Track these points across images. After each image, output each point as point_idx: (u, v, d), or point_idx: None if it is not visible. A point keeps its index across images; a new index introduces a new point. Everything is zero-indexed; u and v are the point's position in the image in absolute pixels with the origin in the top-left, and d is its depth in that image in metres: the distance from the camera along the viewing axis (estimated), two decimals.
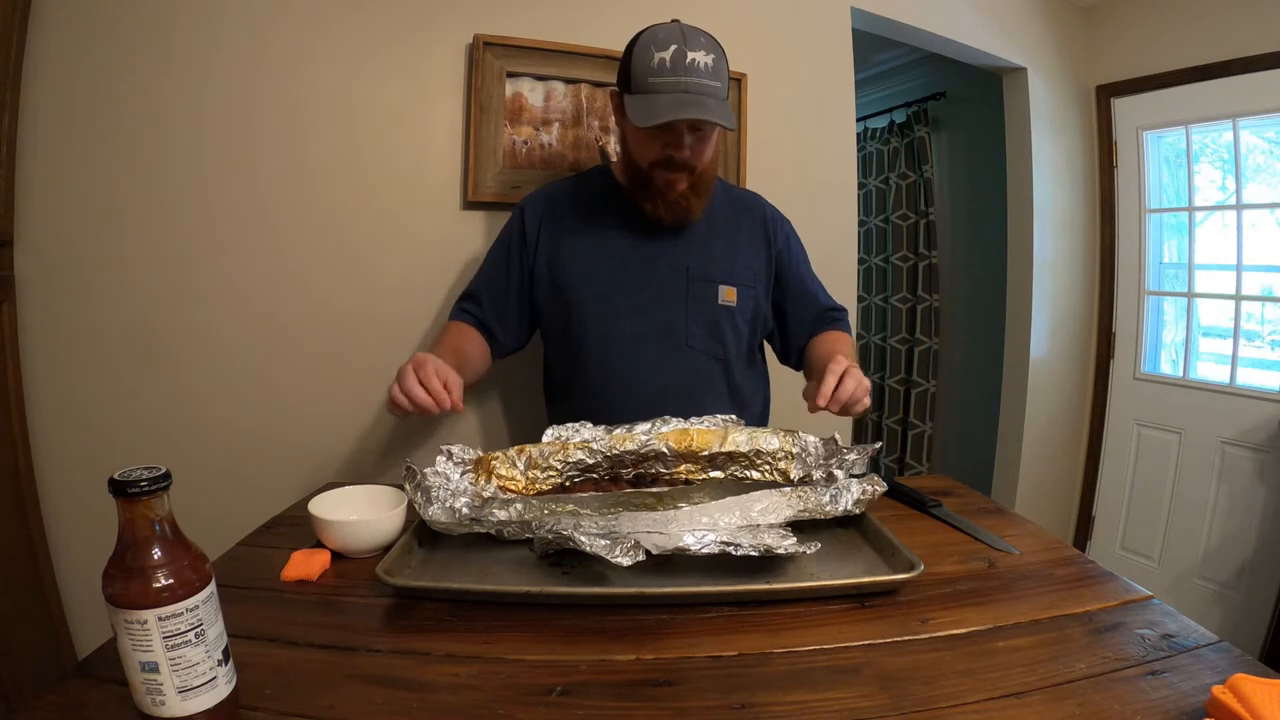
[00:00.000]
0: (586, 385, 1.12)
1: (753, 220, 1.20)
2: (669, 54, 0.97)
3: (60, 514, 1.20)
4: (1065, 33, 2.34)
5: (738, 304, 1.14)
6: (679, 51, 0.96)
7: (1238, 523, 2.09)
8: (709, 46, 0.99)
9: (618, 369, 1.10)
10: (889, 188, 3.08)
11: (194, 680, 0.45)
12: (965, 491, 1.00)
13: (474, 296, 1.17)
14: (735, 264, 1.15)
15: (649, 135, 1.01)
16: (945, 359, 3.03)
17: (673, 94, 0.96)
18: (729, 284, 1.13)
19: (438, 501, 0.74)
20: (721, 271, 1.13)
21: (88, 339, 1.22)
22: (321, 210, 1.34)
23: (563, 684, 0.53)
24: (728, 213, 1.18)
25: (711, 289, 1.12)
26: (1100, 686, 0.52)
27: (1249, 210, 2.11)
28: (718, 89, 0.99)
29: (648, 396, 1.08)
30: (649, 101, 0.97)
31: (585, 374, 1.11)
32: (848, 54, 1.79)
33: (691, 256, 1.12)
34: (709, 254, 1.13)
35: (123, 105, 1.20)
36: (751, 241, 1.18)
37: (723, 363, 1.14)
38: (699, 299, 1.12)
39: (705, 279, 1.12)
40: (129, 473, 0.44)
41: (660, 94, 0.97)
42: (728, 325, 1.13)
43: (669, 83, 0.96)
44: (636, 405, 1.03)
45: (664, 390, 1.10)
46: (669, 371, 1.11)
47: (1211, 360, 2.29)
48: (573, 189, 1.20)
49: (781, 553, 0.67)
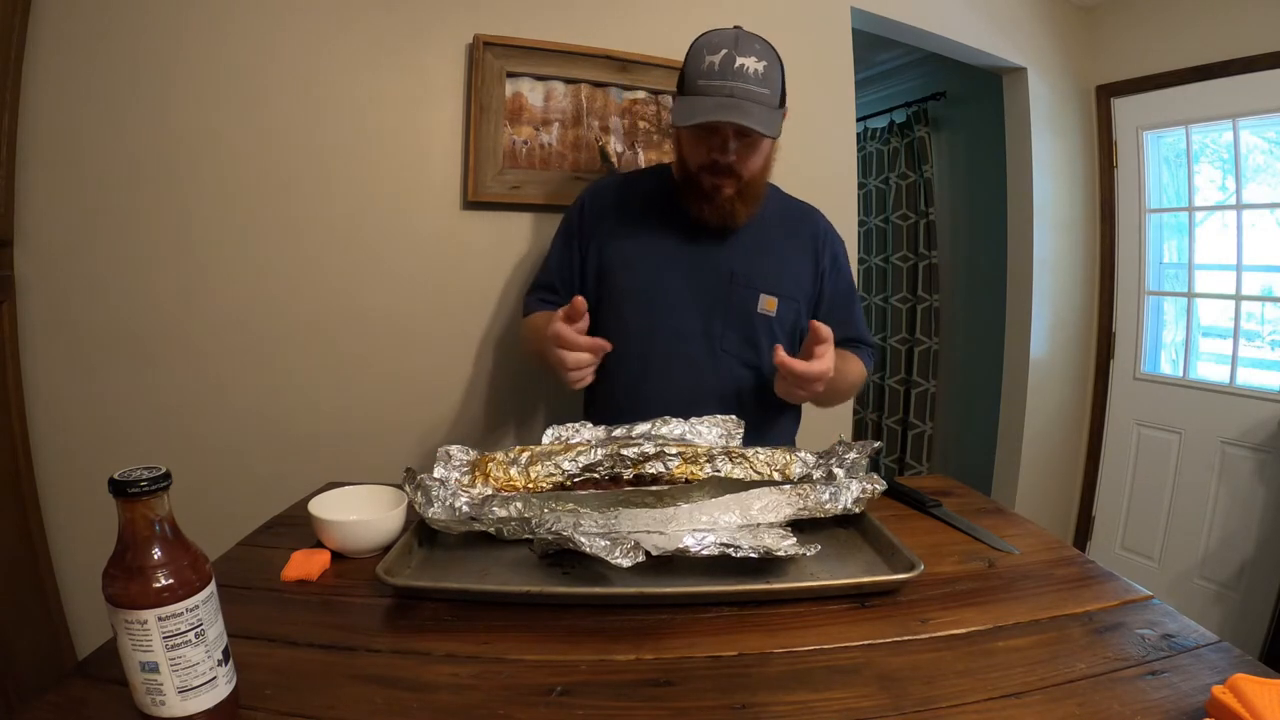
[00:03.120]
0: (624, 378, 1.12)
1: (805, 233, 1.19)
2: (719, 58, 0.98)
3: (60, 514, 1.20)
4: (1065, 33, 2.34)
5: (777, 314, 1.12)
6: (728, 56, 0.97)
7: (1238, 523, 2.09)
8: (762, 54, 0.99)
9: (652, 366, 1.11)
10: (889, 188, 3.08)
11: (194, 680, 0.45)
12: (965, 491, 1.00)
13: (548, 287, 1.19)
14: (780, 274, 1.14)
15: (696, 138, 1.02)
16: (945, 359, 3.03)
17: (716, 97, 0.97)
18: (770, 293, 1.12)
19: (438, 501, 0.74)
20: (764, 280, 1.12)
21: (88, 339, 1.22)
22: (321, 210, 1.34)
23: (563, 684, 0.53)
24: (780, 222, 1.18)
25: (752, 296, 1.12)
26: (1100, 686, 0.52)
27: (1249, 210, 2.11)
28: (765, 95, 0.98)
29: (678, 396, 1.08)
30: (692, 103, 0.99)
31: (624, 367, 1.11)
32: (848, 54, 1.79)
33: (735, 262, 1.11)
34: (754, 261, 1.13)
35: (122, 105, 1.20)
36: (800, 255, 1.18)
37: (756, 371, 1.12)
38: (738, 305, 1.11)
39: (747, 285, 1.11)
40: (129, 473, 0.44)
41: (705, 96, 0.98)
42: (764, 334, 1.12)
43: (715, 86, 0.97)
44: (667, 403, 1.02)
45: (695, 391, 1.09)
46: (701, 374, 1.11)
47: (1211, 360, 2.29)
48: (632, 184, 1.21)
49: (781, 554, 0.67)
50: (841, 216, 1.83)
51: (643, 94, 1.52)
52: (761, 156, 1.06)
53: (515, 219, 1.46)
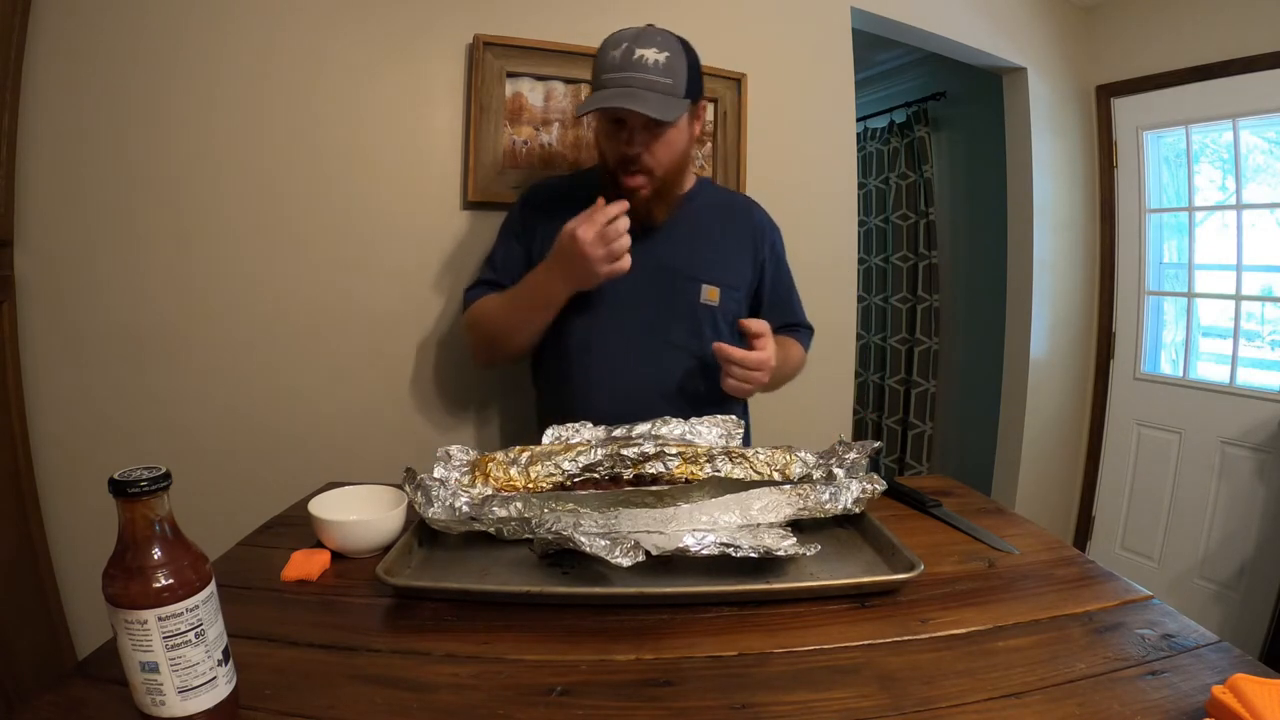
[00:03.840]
0: (571, 377, 1.13)
1: (742, 224, 1.22)
2: (620, 50, 1.00)
3: (60, 514, 1.20)
4: (1065, 33, 2.34)
5: (720, 304, 1.15)
6: (628, 49, 0.99)
7: (1238, 523, 2.09)
8: (664, 45, 1.01)
9: (600, 362, 1.11)
10: (889, 188, 3.08)
11: (194, 680, 0.45)
12: (965, 491, 1.00)
13: (493, 283, 1.17)
14: (719, 265, 1.16)
15: (607, 134, 1.05)
16: (945, 359, 3.03)
17: (614, 87, 0.99)
18: (712, 284, 1.14)
19: (438, 501, 0.74)
20: (705, 271, 1.14)
21: (88, 339, 1.22)
22: (321, 210, 1.34)
23: (563, 684, 0.53)
24: (714, 214, 1.20)
25: (694, 287, 1.13)
26: (1100, 686, 0.52)
27: (1249, 210, 2.11)
28: (666, 85, 1.00)
29: (628, 391, 1.09)
30: (593, 96, 1.01)
31: (570, 366, 1.12)
32: (848, 54, 1.79)
33: (676, 255, 1.12)
34: (693, 253, 1.14)
35: (122, 105, 1.20)
36: (739, 245, 1.20)
37: (703, 362, 1.13)
38: (680, 296, 1.13)
39: (688, 277, 1.13)
40: (129, 473, 0.44)
41: (605, 88, 1.00)
42: (709, 325, 1.14)
43: (614, 78, 0.99)
44: (617, 399, 1.06)
45: (644, 385, 1.11)
46: (649, 367, 1.12)
47: (1211, 360, 2.29)
48: (569, 184, 1.22)
49: (781, 554, 0.67)
50: (841, 217, 1.84)
51: None
52: (671, 150, 1.06)
53: None
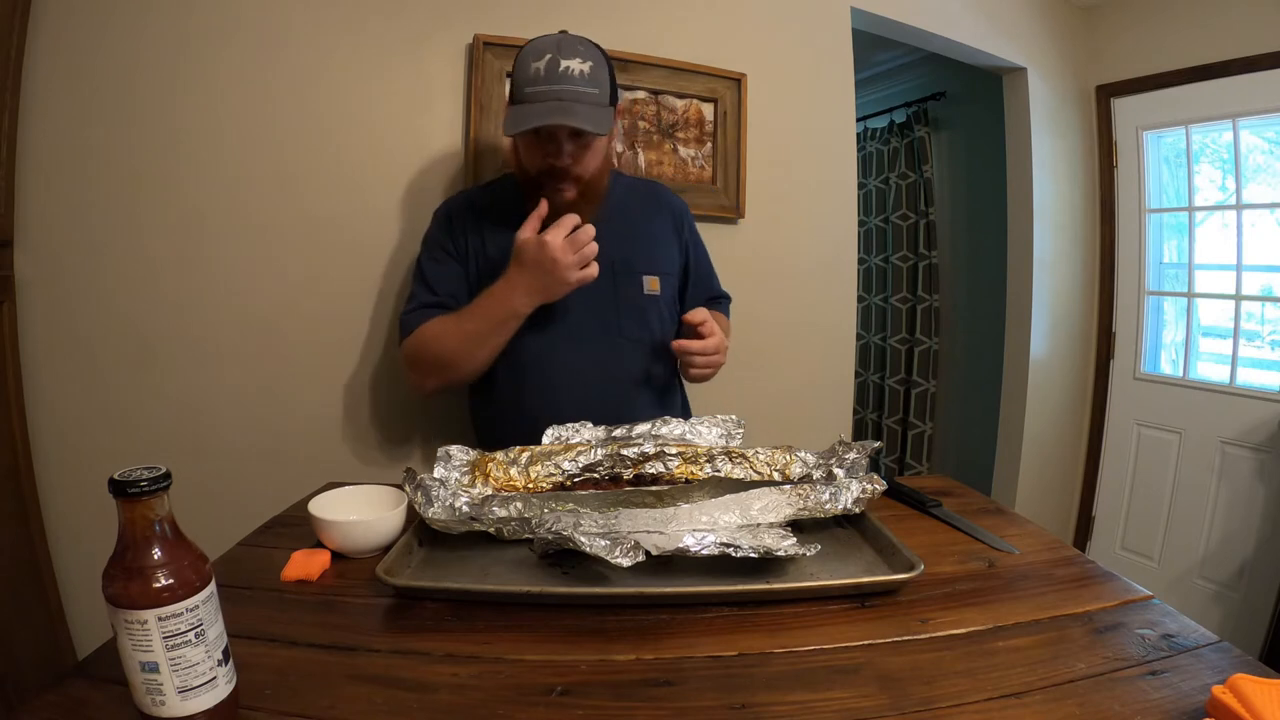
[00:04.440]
0: (524, 383, 1.11)
1: (662, 211, 1.23)
2: (544, 63, 0.99)
3: (60, 514, 1.20)
4: (1065, 33, 2.34)
5: (661, 293, 1.17)
6: (553, 60, 0.98)
7: (1238, 523, 2.09)
8: (586, 54, 1.01)
9: (557, 365, 1.10)
10: (889, 188, 3.08)
11: (194, 680, 0.45)
12: (965, 491, 1.00)
13: (437, 305, 1.10)
14: (653, 254, 1.19)
15: (531, 145, 1.04)
16: (945, 359, 3.03)
17: (545, 102, 0.98)
18: (652, 274, 1.16)
19: (438, 501, 0.74)
20: (644, 262, 1.16)
21: (88, 339, 1.22)
22: (321, 209, 1.34)
23: (563, 684, 0.53)
24: (636, 204, 1.21)
25: (636, 279, 1.15)
26: (1100, 686, 0.52)
27: (1249, 210, 2.11)
28: (593, 95, 1.00)
29: (587, 389, 1.10)
30: (523, 111, 0.99)
31: (522, 373, 1.11)
32: (848, 54, 1.80)
33: (611, 250, 1.11)
34: (627, 247, 1.15)
35: (122, 106, 1.20)
36: (664, 232, 1.22)
37: (653, 348, 1.16)
38: (626, 290, 1.14)
39: (629, 270, 1.14)
40: (129, 473, 0.44)
41: (534, 103, 0.98)
42: (654, 314, 1.17)
43: (541, 91, 0.98)
44: (576, 399, 1.06)
45: (604, 382, 1.12)
46: (607, 363, 1.13)
47: (1211, 360, 2.29)
48: (487, 195, 1.20)
49: (781, 554, 0.67)
50: (841, 216, 1.84)
51: (643, 94, 1.52)
52: (597, 156, 1.07)
53: None
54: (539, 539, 0.68)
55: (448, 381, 1.12)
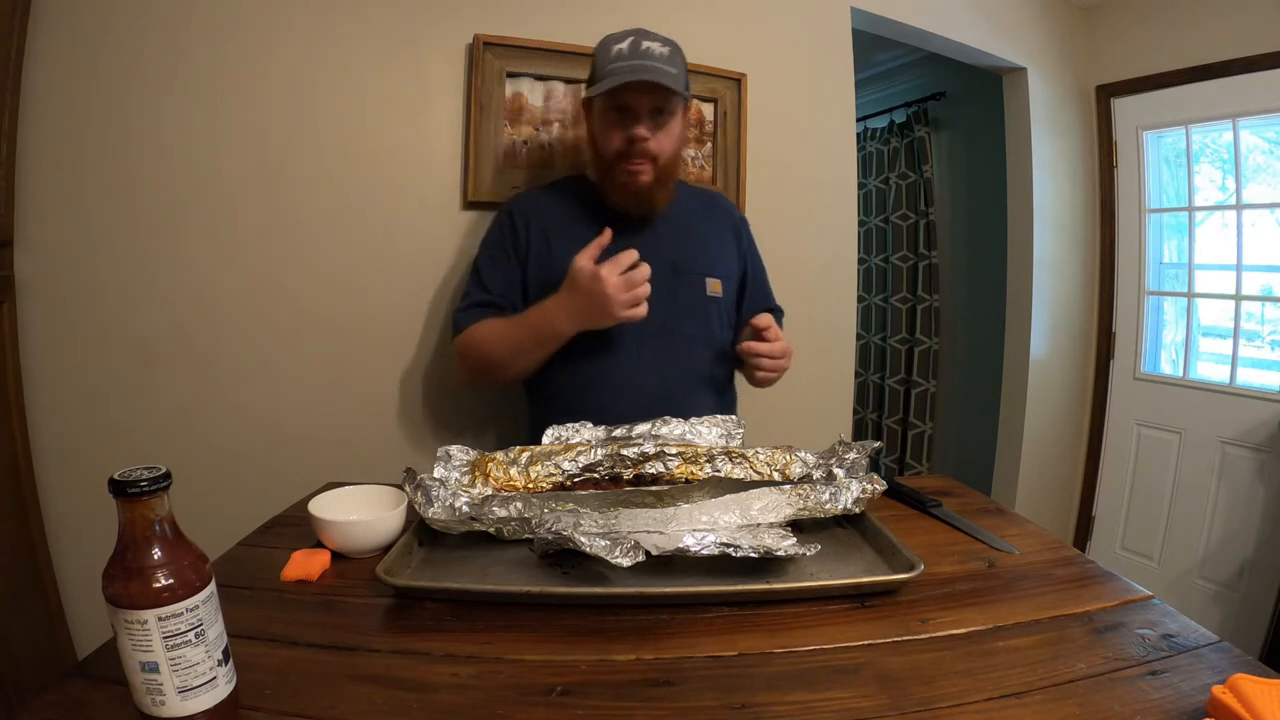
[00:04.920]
0: (584, 382, 1.12)
1: (722, 218, 1.27)
2: (626, 44, 1.05)
3: (60, 514, 1.20)
4: (1065, 33, 2.34)
5: (722, 296, 1.20)
6: (635, 41, 1.05)
7: (1238, 523, 2.09)
8: (665, 42, 1.07)
9: (619, 365, 1.11)
10: (889, 188, 3.08)
11: (194, 680, 0.45)
12: (965, 491, 1.00)
13: (486, 304, 1.14)
14: (714, 257, 1.21)
15: (613, 123, 1.07)
16: (945, 359, 3.03)
17: (628, 69, 1.03)
18: (714, 276, 1.19)
19: (438, 501, 0.74)
20: (705, 265, 1.19)
21: (88, 339, 1.21)
22: (322, 210, 1.34)
23: (563, 684, 0.53)
24: (698, 209, 1.24)
25: (699, 281, 1.17)
26: (1100, 686, 0.52)
27: (1249, 210, 2.11)
28: (672, 74, 1.04)
29: (649, 389, 1.11)
30: (608, 80, 1.04)
31: (582, 372, 1.12)
32: (848, 54, 1.79)
33: (674, 252, 1.14)
34: (690, 249, 1.18)
35: (123, 106, 1.20)
36: (724, 238, 1.25)
37: (714, 353, 1.19)
38: (688, 291, 1.16)
39: (692, 272, 1.17)
40: (129, 472, 0.44)
41: (618, 74, 1.03)
42: (715, 316, 1.19)
43: (626, 66, 1.03)
44: (636, 397, 1.07)
45: (664, 381, 1.13)
46: (668, 362, 1.14)
47: (1211, 360, 2.29)
48: (554, 194, 1.22)
49: (781, 554, 0.67)
50: (841, 216, 1.84)
51: None
52: (672, 138, 1.10)
53: None
54: (539, 539, 0.68)
55: (493, 382, 1.17)
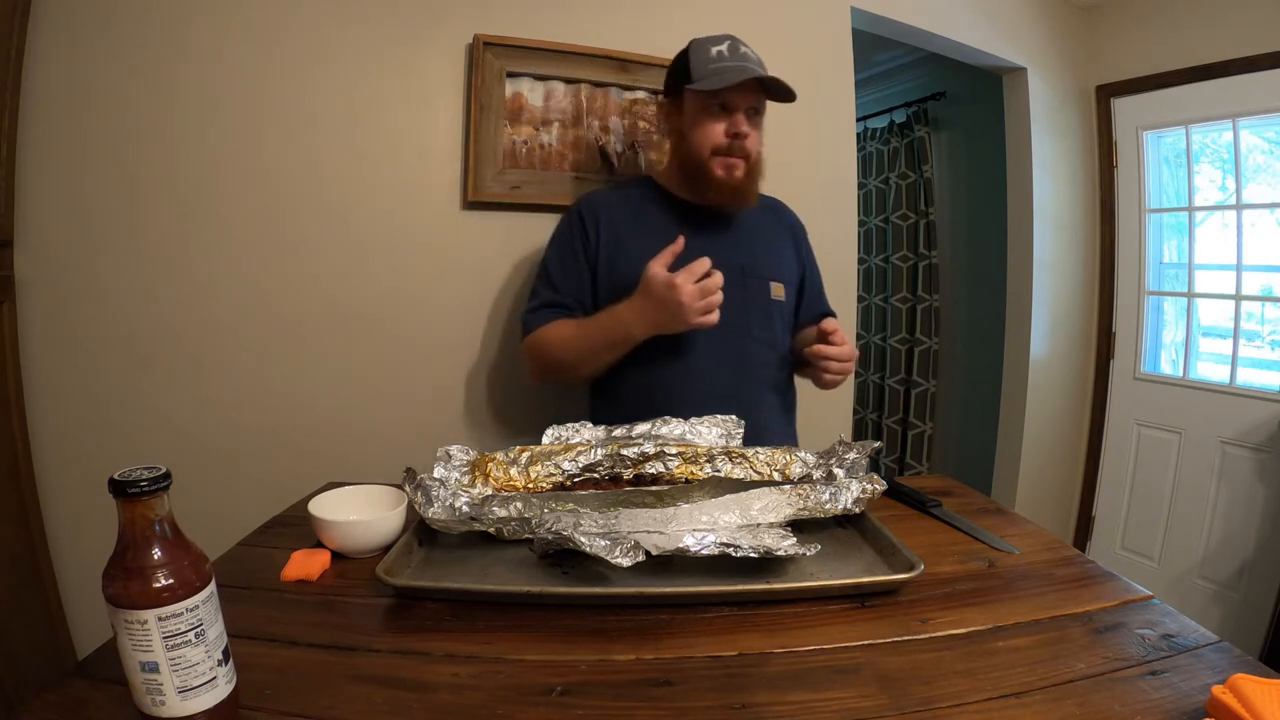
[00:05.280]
0: (653, 381, 1.14)
1: (784, 225, 1.31)
2: (725, 46, 1.10)
3: (60, 514, 1.20)
4: (1065, 33, 2.34)
5: (785, 300, 1.23)
6: (732, 45, 1.10)
7: (1238, 523, 2.09)
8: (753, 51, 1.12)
9: (688, 366, 1.13)
10: (889, 188, 3.08)
11: (194, 680, 0.45)
12: (965, 491, 1.00)
13: (555, 305, 1.16)
14: (778, 263, 1.25)
15: (711, 121, 1.11)
16: (945, 359, 3.03)
17: (737, 69, 1.07)
18: (778, 281, 1.22)
19: (438, 501, 0.74)
20: (771, 269, 1.22)
21: (88, 339, 1.21)
22: (322, 210, 1.34)
23: (563, 684, 0.53)
24: (763, 215, 1.27)
25: (764, 285, 1.20)
26: (1100, 686, 0.52)
27: (1249, 210, 2.11)
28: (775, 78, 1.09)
29: (717, 390, 1.13)
30: (717, 77, 1.07)
31: (653, 370, 1.13)
32: (848, 54, 1.79)
33: (742, 255, 1.17)
34: (757, 253, 1.21)
35: (123, 106, 1.20)
36: (785, 244, 1.29)
37: (778, 356, 1.22)
38: (755, 295, 1.18)
39: (758, 275, 1.19)
40: (129, 473, 0.44)
41: (726, 72, 1.06)
42: (779, 320, 1.22)
43: (731, 66, 1.07)
44: (705, 397, 1.10)
45: (732, 383, 1.15)
46: (736, 365, 1.16)
47: (1211, 360, 2.29)
48: (622, 195, 1.24)
49: (781, 554, 0.67)
50: (841, 216, 1.84)
51: (643, 94, 1.52)
52: (761, 141, 1.15)
53: (515, 219, 1.46)
54: (539, 539, 0.68)
55: (562, 381, 1.19)
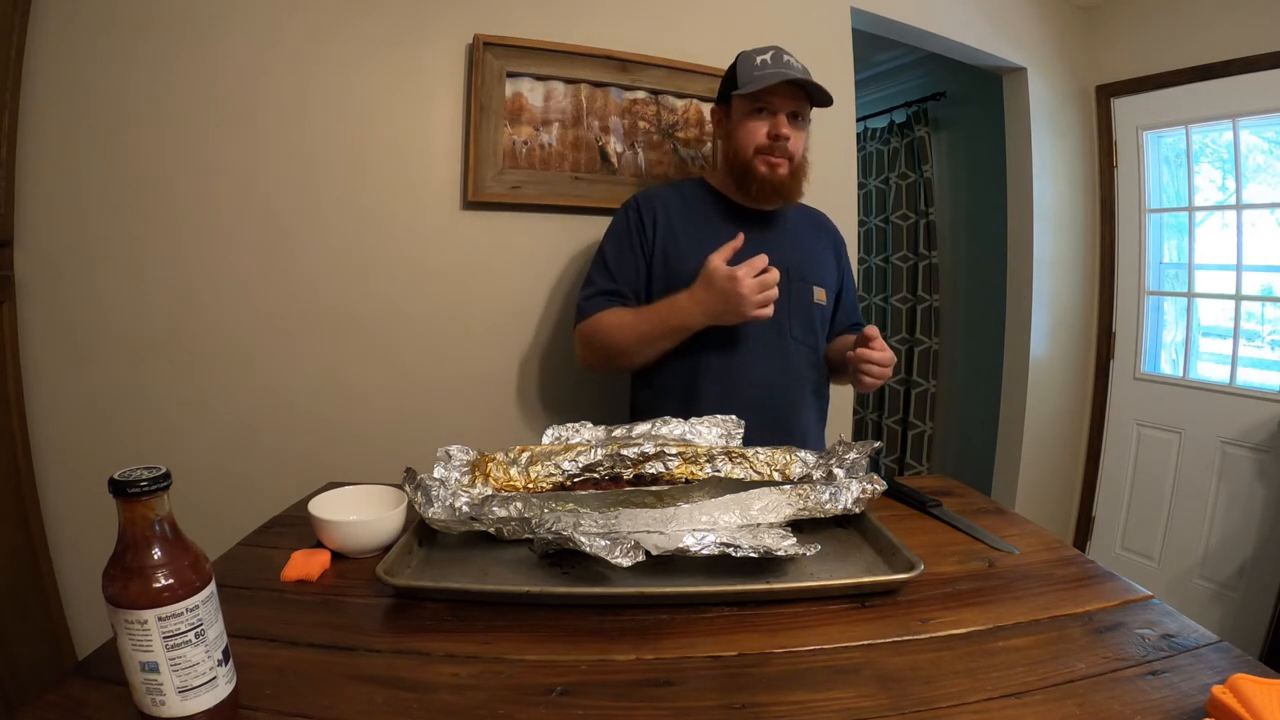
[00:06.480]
0: (701, 375, 1.16)
1: (825, 233, 1.35)
2: (769, 55, 1.15)
3: (60, 514, 1.20)
4: (1065, 33, 2.34)
5: (825, 305, 1.26)
6: (777, 53, 1.15)
7: (1238, 523, 2.09)
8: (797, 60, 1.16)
9: (732, 360, 1.16)
10: (889, 188, 3.08)
11: (194, 680, 0.45)
12: (965, 491, 1.00)
13: (611, 292, 1.19)
14: (820, 268, 1.28)
15: (755, 122, 1.15)
16: (945, 359, 3.03)
17: (776, 74, 1.11)
18: (819, 285, 1.25)
19: (438, 501, 0.74)
20: (813, 273, 1.25)
21: (88, 339, 1.21)
22: (322, 210, 1.34)
23: (563, 684, 0.53)
24: (809, 224, 1.32)
25: (807, 288, 1.23)
26: (1100, 686, 0.52)
27: (1249, 210, 2.11)
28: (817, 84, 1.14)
29: (758, 386, 1.17)
30: (759, 82, 1.11)
31: (698, 365, 1.16)
32: (848, 54, 1.80)
33: (789, 258, 1.19)
34: (802, 257, 1.24)
35: (123, 105, 1.20)
36: (826, 251, 1.32)
37: (816, 356, 1.25)
38: (798, 297, 1.21)
39: (802, 279, 1.22)
40: (129, 473, 0.44)
41: (767, 78, 1.11)
42: (819, 323, 1.26)
43: (774, 72, 1.11)
44: (750, 394, 1.14)
45: (772, 381, 1.18)
46: (777, 363, 1.19)
47: (1211, 360, 2.29)
48: (677, 193, 1.27)
49: (781, 554, 0.67)
50: (841, 216, 1.83)
51: (643, 94, 1.52)
52: (803, 143, 1.19)
53: (516, 219, 1.46)
54: (539, 539, 0.68)
55: (613, 369, 1.23)
